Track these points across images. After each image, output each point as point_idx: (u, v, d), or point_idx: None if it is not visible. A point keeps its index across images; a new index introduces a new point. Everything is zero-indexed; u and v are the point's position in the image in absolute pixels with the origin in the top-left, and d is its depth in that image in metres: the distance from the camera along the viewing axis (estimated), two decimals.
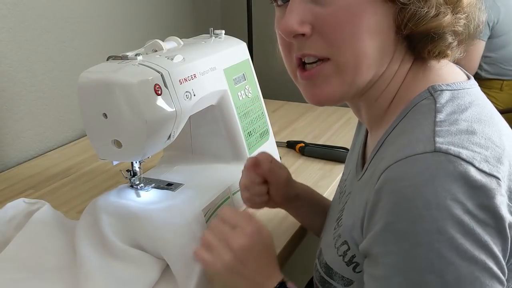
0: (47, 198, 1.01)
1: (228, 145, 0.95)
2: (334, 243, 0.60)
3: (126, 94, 0.69)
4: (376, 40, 0.51)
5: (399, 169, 0.46)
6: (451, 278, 0.43)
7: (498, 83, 2.00)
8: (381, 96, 0.57)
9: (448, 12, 0.51)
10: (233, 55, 0.95)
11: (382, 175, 0.47)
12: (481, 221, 0.43)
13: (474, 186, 0.44)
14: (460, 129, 0.48)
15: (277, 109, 1.58)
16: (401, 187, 0.45)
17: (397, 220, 0.45)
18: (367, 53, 0.52)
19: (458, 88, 0.53)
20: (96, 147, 0.76)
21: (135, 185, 0.84)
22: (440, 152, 0.45)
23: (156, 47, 0.83)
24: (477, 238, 0.43)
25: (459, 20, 0.52)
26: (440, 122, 0.48)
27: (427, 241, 0.44)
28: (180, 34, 0.91)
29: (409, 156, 0.46)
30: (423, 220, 0.44)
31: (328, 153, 1.17)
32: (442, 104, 0.51)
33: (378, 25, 0.51)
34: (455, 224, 0.43)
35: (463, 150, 0.45)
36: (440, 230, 0.43)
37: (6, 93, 1.17)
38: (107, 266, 0.71)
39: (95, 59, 1.35)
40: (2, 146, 1.18)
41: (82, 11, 1.33)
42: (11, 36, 1.16)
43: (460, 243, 0.43)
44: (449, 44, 0.53)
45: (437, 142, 0.46)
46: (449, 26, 0.52)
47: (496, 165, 0.45)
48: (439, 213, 0.43)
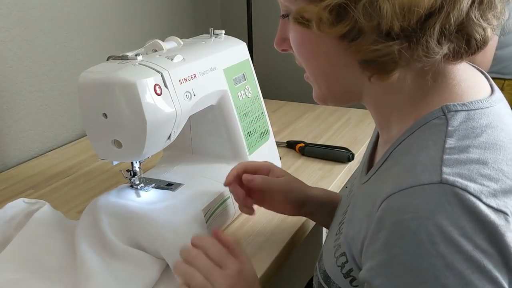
0: (47, 198, 1.01)
1: (228, 145, 0.95)
2: (334, 252, 0.59)
3: (126, 94, 0.69)
4: (326, 60, 0.54)
5: (403, 199, 0.45)
6: None
7: (499, 82, 1.99)
8: (380, 103, 0.56)
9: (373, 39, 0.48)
10: (233, 55, 0.95)
11: (384, 203, 0.46)
12: (491, 257, 0.42)
13: (483, 221, 0.42)
14: (471, 158, 0.45)
15: (277, 109, 1.58)
16: (405, 219, 0.44)
17: (402, 253, 0.44)
18: (321, 73, 0.57)
19: (475, 108, 0.50)
20: (96, 147, 0.76)
21: (135, 185, 0.84)
22: (446, 184, 0.43)
23: (156, 47, 0.83)
24: (487, 274, 0.42)
25: (389, 46, 0.48)
26: (449, 149, 0.46)
27: (434, 277, 0.42)
28: (180, 34, 0.91)
29: (413, 186, 0.45)
30: (429, 255, 0.42)
31: (328, 153, 1.17)
32: (455, 127, 0.48)
33: (321, 48, 0.53)
34: (464, 260, 0.42)
35: (471, 183, 0.43)
36: (449, 266, 0.42)
37: (6, 93, 1.17)
38: (107, 266, 0.71)
39: (95, 59, 1.36)
40: (2, 146, 1.18)
41: (82, 11, 1.33)
42: (11, 36, 1.16)
43: (470, 279, 0.42)
44: (384, 68, 0.50)
45: (444, 172, 0.44)
46: (376, 52, 0.48)
47: (504, 200, 0.44)
48: (446, 249, 0.42)
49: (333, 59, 0.53)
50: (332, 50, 0.52)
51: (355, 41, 0.49)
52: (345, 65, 0.53)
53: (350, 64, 0.53)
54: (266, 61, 1.85)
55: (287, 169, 1.11)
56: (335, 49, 0.52)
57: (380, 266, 0.46)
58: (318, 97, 0.61)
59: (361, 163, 0.71)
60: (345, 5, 0.47)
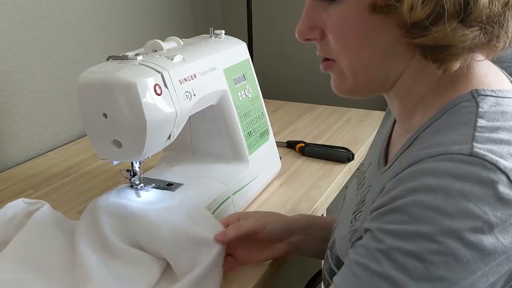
0: (47, 198, 1.01)
1: (228, 145, 0.95)
2: (349, 238, 0.59)
3: (126, 94, 0.69)
4: (375, 50, 0.52)
5: (428, 163, 0.45)
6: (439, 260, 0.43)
7: None
8: (409, 92, 0.55)
9: (455, 25, 0.47)
10: (233, 55, 0.95)
11: (408, 168, 0.46)
12: (494, 234, 0.42)
13: (502, 199, 0.42)
14: (501, 138, 0.45)
15: (277, 109, 1.58)
16: (426, 179, 0.44)
17: (410, 204, 0.44)
18: (365, 63, 0.53)
19: (503, 96, 0.50)
20: (96, 147, 0.76)
21: (135, 185, 0.84)
22: (476, 158, 0.43)
23: (156, 47, 0.83)
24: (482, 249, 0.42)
25: (467, 33, 0.47)
26: (481, 128, 0.46)
27: (432, 232, 0.43)
28: (180, 34, 0.91)
29: (443, 154, 0.45)
30: (439, 213, 0.43)
31: (328, 153, 1.17)
32: (485, 109, 0.48)
33: (376, 36, 0.51)
34: (469, 228, 0.42)
35: (501, 160, 0.43)
36: (452, 230, 0.42)
37: (6, 93, 1.17)
38: (106, 266, 0.71)
39: (95, 59, 1.36)
40: (2, 146, 1.18)
41: (82, 11, 1.33)
42: (11, 36, 1.16)
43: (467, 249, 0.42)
44: (455, 55, 0.49)
45: (475, 146, 0.44)
46: (458, 43, 0.48)
47: None
48: (458, 212, 0.42)
49: (385, 48, 0.51)
50: (388, 39, 0.50)
51: (434, 25, 0.47)
52: (395, 55, 0.52)
53: (400, 54, 0.52)
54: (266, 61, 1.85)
55: (287, 169, 1.12)
56: (393, 37, 0.50)
57: (382, 213, 0.47)
58: (349, 88, 0.57)
59: (369, 159, 0.70)
60: None
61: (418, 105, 0.56)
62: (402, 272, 0.43)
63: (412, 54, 0.52)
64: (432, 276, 0.42)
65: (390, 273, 0.44)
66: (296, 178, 1.08)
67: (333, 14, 0.52)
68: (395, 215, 0.45)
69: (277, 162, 1.07)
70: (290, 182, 1.06)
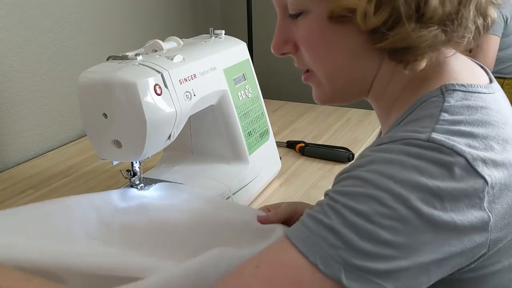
0: (47, 198, 1.00)
1: (228, 145, 0.95)
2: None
3: (126, 94, 0.69)
4: (345, 54, 0.53)
5: (389, 145, 0.47)
6: None
7: (499, 81, 2.00)
8: (385, 92, 0.57)
9: (412, 28, 0.48)
10: (233, 55, 0.95)
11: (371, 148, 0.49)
12: (446, 212, 0.43)
13: (456, 178, 0.43)
14: (461, 130, 0.46)
15: (277, 109, 1.58)
16: (385, 154, 0.46)
17: (367, 171, 0.46)
18: (338, 70, 0.55)
19: (472, 91, 0.51)
20: (96, 147, 0.76)
21: (135, 185, 0.84)
22: (433, 143, 0.44)
23: (156, 47, 0.83)
24: (433, 220, 0.43)
25: (425, 34, 0.48)
26: (442, 121, 0.48)
27: (385, 197, 0.43)
28: (180, 34, 0.91)
29: (403, 139, 0.46)
30: (391, 182, 0.43)
31: (328, 153, 1.17)
32: (451, 104, 0.49)
33: (341, 44, 0.52)
34: (421, 199, 0.43)
35: (459, 145, 0.44)
36: (404, 200, 0.43)
37: (6, 93, 1.17)
38: None
39: (95, 59, 1.36)
40: (2, 146, 1.18)
41: (82, 11, 1.33)
42: (11, 36, 1.16)
43: (418, 220, 0.42)
44: (418, 55, 0.50)
45: (433, 134, 0.45)
46: (413, 41, 0.49)
47: (491, 168, 0.44)
48: (409, 184, 0.43)
49: (354, 53, 0.53)
50: (354, 43, 0.52)
51: (392, 30, 0.48)
52: (365, 59, 0.53)
53: (370, 57, 0.53)
54: (266, 61, 1.85)
55: (287, 169, 1.12)
56: (359, 42, 0.51)
57: (340, 179, 0.48)
58: (326, 96, 0.59)
59: None
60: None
61: (394, 104, 0.57)
62: (350, 228, 0.44)
63: (381, 56, 0.53)
64: (378, 238, 0.43)
65: (338, 226, 0.44)
66: (296, 178, 1.08)
67: (301, 27, 0.54)
68: (351, 180, 0.47)
69: (277, 162, 1.07)
70: (290, 182, 1.06)
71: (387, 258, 0.43)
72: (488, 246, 0.45)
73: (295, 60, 0.59)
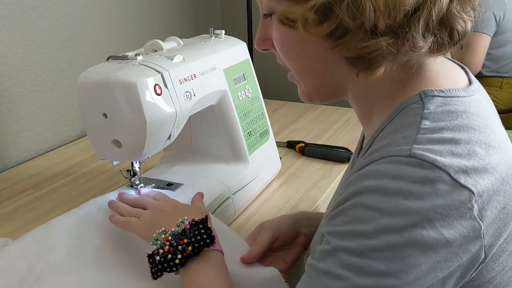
0: (47, 198, 1.01)
1: (228, 145, 0.95)
2: (320, 241, 0.60)
3: (126, 94, 0.69)
4: (311, 58, 0.54)
5: (371, 167, 0.47)
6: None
7: (498, 80, 2.00)
8: (361, 96, 0.57)
9: (361, 37, 0.48)
10: (233, 55, 0.95)
11: (356, 173, 0.49)
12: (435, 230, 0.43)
13: (441, 195, 0.43)
14: (443, 138, 0.46)
15: (277, 109, 1.58)
16: (367, 181, 0.46)
17: (354, 207, 0.47)
18: (309, 72, 0.56)
19: (451, 96, 0.51)
20: (96, 147, 0.76)
21: (135, 185, 0.84)
22: (415, 158, 0.44)
23: (156, 47, 0.83)
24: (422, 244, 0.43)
25: (372, 44, 0.48)
26: (423, 129, 0.48)
27: (372, 230, 0.44)
28: (180, 34, 0.91)
29: (384, 157, 0.47)
30: (377, 213, 0.44)
31: (328, 153, 1.17)
32: (430, 110, 0.49)
33: (307, 46, 0.53)
34: (407, 224, 0.43)
35: (440, 158, 0.44)
36: (391, 227, 0.43)
37: (6, 93, 1.17)
38: None
39: (95, 59, 1.36)
40: (2, 146, 1.18)
41: (82, 11, 1.33)
42: (11, 36, 1.16)
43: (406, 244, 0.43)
44: (371, 63, 0.50)
45: (414, 148, 0.45)
46: (362, 50, 0.49)
47: (475, 177, 0.44)
48: (395, 211, 0.44)
49: (319, 57, 0.53)
50: (318, 48, 0.52)
51: (341, 39, 0.49)
52: (331, 63, 0.54)
53: (336, 62, 0.53)
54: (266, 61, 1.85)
55: (287, 169, 1.12)
56: (321, 47, 0.52)
57: (333, 217, 0.49)
58: (305, 94, 0.61)
59: (348, 166, 0.73)
60: (330, 5, 0.47)
61: (373, 109, 0.57)
62: (346, 269, 0.45)
63: (338, 58, 0.54)
64: (373, 271, 0.44)
65: (335, 270, 0.46)
66: (296, 178, 1.08)
67: (273, 28, 0.56)
68: (340, 217, 0.48)
69: (277, 162, 1.07)
70: (290, 182, 1.06)
71: (388, 286, 0.44)
72: (484, 252, 0.46)
73: (277, 57, 0.60)
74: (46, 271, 0.71)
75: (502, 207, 0.46)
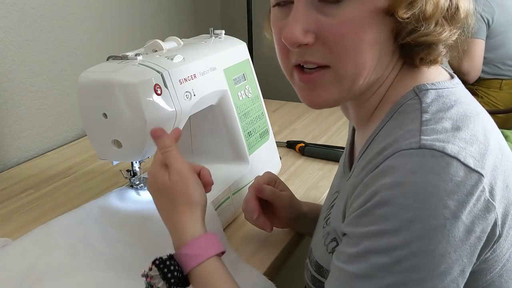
0: (47, 198, 1.01)
1: (228, 145, 0.95)
2: (323, 241, 0.62)
3: (126, 94, 0.69)
4: (376, 51, 0.52)
5: (384, 164, 0.48)
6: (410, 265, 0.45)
7: (497, 82, 2.00)
8: (371, 98, 0.58)
9: (446, 28, 0.52)
10: (233, 55, 0.95)
11: (371, 173, 0.49)
12: (456, 217, 0.44)
13: (456, 181, 0.44)
14: (445, 126, 0.48)
15: (277, 109, 1.58)
16: (384, 179, 0.47)
17: (376, 206, 0.47)
18: (367, 64, 0.53)
19: (442, 87, 0.54)
20: (96, 147, 0.76)
21: (135, 185, 0.84)
22: (425, 149, 0.46)
23: (156, 47, 0.83)
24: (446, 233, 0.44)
25: (454, 34, 0.53)
26: (426, 121, 0.49)
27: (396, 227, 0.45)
28: (180, 34, 0.91)
29: (396, 152, 0.47)
30: (399, 208, 0.45)
31: (328, 153, 1.17)
32: (428, 103, 0.52)
33: (378, 37, 0.52)
34: (429, 215, 0.44)
35: (449, 144, 0.46)
36: (413, 220, 0.44)
37: (6, 93, 1.17)
38: None
39: (95, 59, 1.36)
40: (2, 146, 1.18)
41: (82, 11, 1.33)
42: (11, 36, 1.16)
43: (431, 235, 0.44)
44: (440, 53, 0.54)
45: (422, 139, 0.47)
46: (445, 40, 0.53)
47: (481, 160, 0.46)
48: (415, 203, 0.44)
49: (380, 49, 0.53)
50: (383, 39, 0.52)
51: (421, 25, 0.50)
52: (386, 56, 0.54)
53: (388, 56, 0.54)
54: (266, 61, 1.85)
55: (287, 169, 1.12)
56: (386, 38, 0.52)
57: (359, 216, 0.49)
58: (340, 94, 0.55)
59: (339, 167, 0.74)
60: None
61: (372, 111, 0.59)
62: (376, 270, 0.46)
63: (390, 56, 0.55)
64: (403, 267, 0.45)
65: (366, 272, 0.47)
66: (296, 178, 1.08)
67: (336, 15, 0.50)
68: (365, 218, 0.48)
69: (277, 162, 1.07)
70: (290, 182, 1.06)
71: (419, 281, 0.45)
72: (499, 230, 0.47)
73: (307, 54, 0.53)
74: (46, 271, 0.71)
75: (505, 186, 0.48)
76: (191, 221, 0.62)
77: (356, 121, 0.63)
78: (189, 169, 0.65)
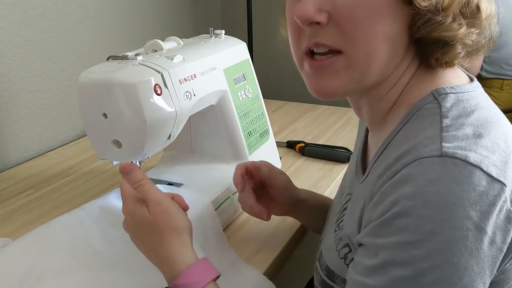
0: (47, 198, 1.01)
1: (228, 145, 0.95)
2: (335, 246, 0.60)
3: (126, 94, 0.69)
4: (390, 41, 0.50)
5: (404, 172, 0.46)
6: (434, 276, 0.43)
7: (499, 82, 2.00)
8: (384, 97, 0.56)
9: (463, 24, 0.50)
10: (233, 55, 0.95)
11: (390, 181, 0.47)
12: (479, 228, 0.43)
13: (478, 191, 0.43)
14: (467, 133, 0.47)
15: (277, 109, 1.58)
16: (404, 188, 0.45)
17: (396, 217, 0.45)
18: (379, 53, 0.51)
19: (462, 91, 0.51)
20: (96, 147, 0.76)
21: None
22: (447, 157, 0.44)
23: (156, 47, 0.83)
24: (469, 245, 0.43)
25: (472, 34, 0.51)
26: (446, 127, 0.47)
27: (418, 239, 0.43)
28: (180, 34, 0.91)
29: (415, 160, 0.46)
30: (420, 219, 0.43)
31: (328, 153, 1.17)
32: (448, 108, 0.49)
33: (393, 26, 0.50)
34: (453, 228, 0.42)
35: (471, 153, 0.44)
36: (436, 232, 0.43)
37: (6, 93, 1.17)
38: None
39: (95, 59, 1.36)
40: (2, 146, 1.18)
41: (82, 11, 1.33)
42: (11, 36, 1.16)
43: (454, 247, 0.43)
44: (457, 54, 0.52)
45: (443, 146, 0.45)
46: (461, 37, 0.50)
47: (503, 169, 0.45)
48: (438, 214, 0.43)
49: (395, 40, 0.51)
50: (399, 29, 0.50)
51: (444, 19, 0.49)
52: (401, 50, 0.52)
53: (403, 51, 0.52)
54: (266, 61, 1.85)
55: (287, 169, 1.12)
56: (402, 28, 0.50)
57: (377, 227, 0.47)
58: (351, 81, 0.53)
59: (350, 168, 0.72)
60: None
61: (387, 113, 0.57)
62: (398, 283, 0.44)
63: (404, 52, 0.53)
64: (426, 281, 0.43)
65: (387, 285, 0.45)
66: (296, 178, 1.08)
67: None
68: (384, 229, 0.46)
69: (277, 162, 1.07)
70: None
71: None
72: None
73: (319, 35, 0.51)
74: (46, 271, 0.71)
75: None
76: (182, 249, 0.60)
77: (369, 122, 0.61)
78: (167, 198, 0.63)
